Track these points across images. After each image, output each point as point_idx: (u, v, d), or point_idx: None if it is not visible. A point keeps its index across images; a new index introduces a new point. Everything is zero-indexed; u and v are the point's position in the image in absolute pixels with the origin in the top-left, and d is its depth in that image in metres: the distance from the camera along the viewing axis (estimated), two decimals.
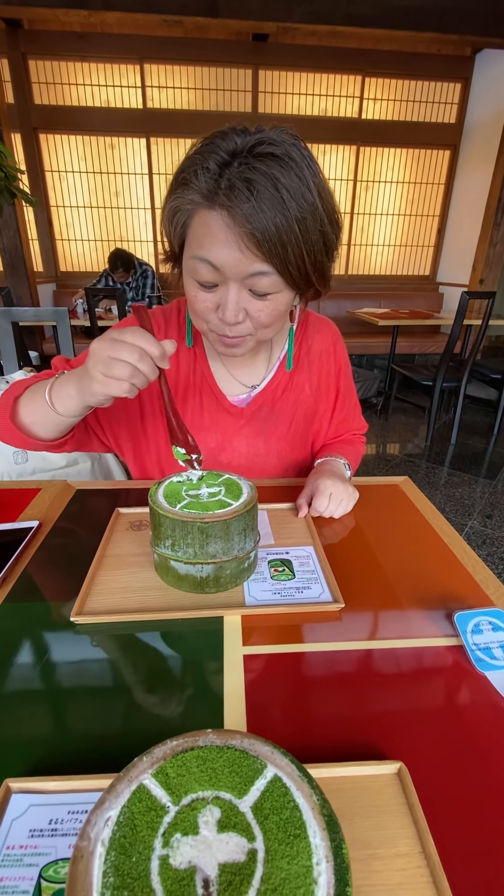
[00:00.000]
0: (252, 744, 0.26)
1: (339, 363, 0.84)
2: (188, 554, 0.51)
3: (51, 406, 0.61)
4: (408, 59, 4.04)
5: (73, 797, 0.33)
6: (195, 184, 0.54)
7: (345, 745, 0.38)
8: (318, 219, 0.55)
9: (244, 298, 0.59)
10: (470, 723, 0.40)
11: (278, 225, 0.52)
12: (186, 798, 0.24)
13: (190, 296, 0.62)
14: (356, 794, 0.34)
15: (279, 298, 0.60)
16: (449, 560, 0.62)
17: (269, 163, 0.51)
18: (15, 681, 0.43)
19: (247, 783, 0.24)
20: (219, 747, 0.26)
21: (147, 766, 0.25)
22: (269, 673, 0.44)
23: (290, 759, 0.25)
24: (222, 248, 0.54)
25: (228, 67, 3.95)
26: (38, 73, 3.91)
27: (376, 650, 0.47)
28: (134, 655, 0.45)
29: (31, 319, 1.37)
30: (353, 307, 4.09)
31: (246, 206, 0.51)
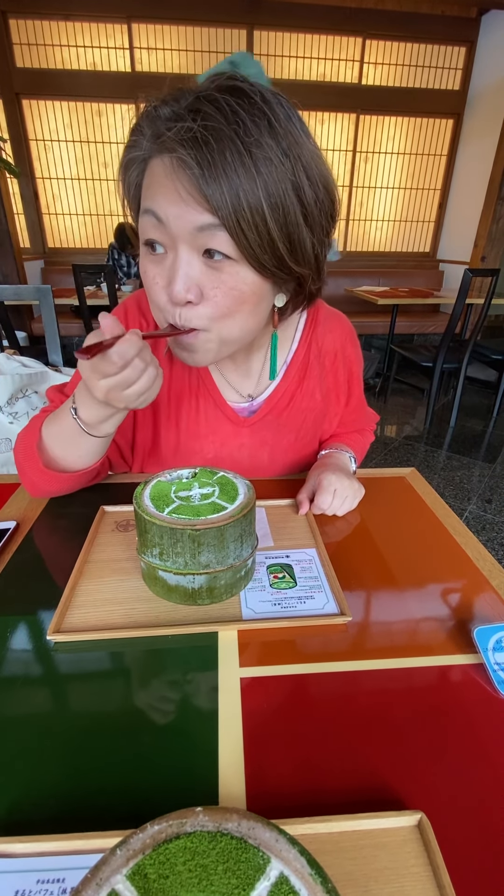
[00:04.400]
0: (252, 828, 0.21)
1: (351, 366, 0.76)
2: (178, 564, 0.46)
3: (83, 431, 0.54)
4: (410, 19, 3.83)
5: (43, 862, 0.29)
6: (145, 127, 0.46)
7: (355, 788, 0.33)
8: (287, 167, 0.45)
9: (196, 268, 0.48)
10: (497, 759, 0.35)
11: (227, 163, 0.42)
12: None
13: (142, 273, 0.53)
14: (371, 854, 0.29)
15: (241, 274, 0.48)
16: (463, 563, 0.57)
17: (229, 95, 0.42)
18: None
19: (246, 886, 0.20)
20: (211, 834, 0.21)
21: (121, 863, 0.20)
22: (269, 700, 0.39)
23: (299, 850, 0.21)
24: (163, 196, 0.45)
25: (221, 27, 3.73)
26: (19, 33, 3.69)
27: (387, 671, 0.42)
28: (117, 683, 0.41)
29: (12, 298, 1.29)
30: (351, 285, 3.98)
31: (189, 141, 0.42)
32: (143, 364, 0.44)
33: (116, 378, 0.44)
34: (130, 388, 0.45)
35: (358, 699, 0.40)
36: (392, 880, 0.28)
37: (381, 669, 0.42)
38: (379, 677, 0.42)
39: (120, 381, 0.44)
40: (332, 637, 0.46)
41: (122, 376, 0.44)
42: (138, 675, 0.41)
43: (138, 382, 0.45)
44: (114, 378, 0.44)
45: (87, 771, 0.34)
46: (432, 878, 0.28)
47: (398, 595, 0.51)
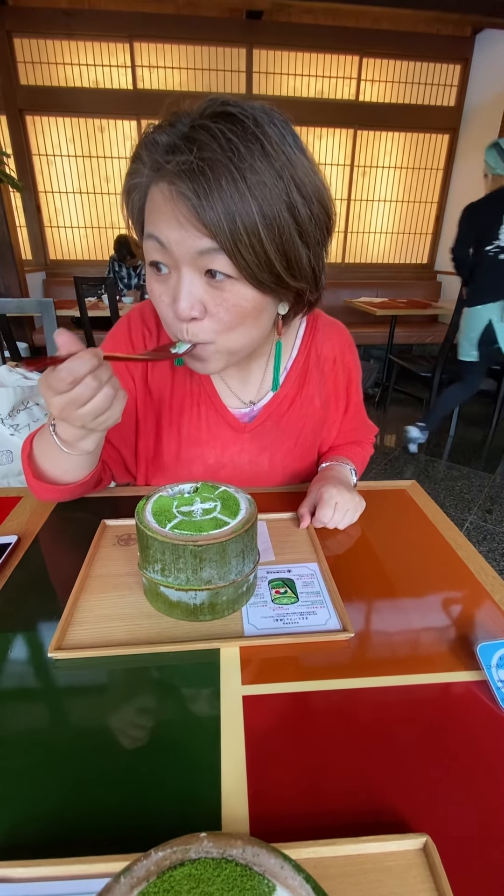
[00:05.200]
0: (256, 855, 0.21)
1: (350, 373, 0.77)
2: (180, 580, 0.46)
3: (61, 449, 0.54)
4: (407, 38, 3.91)
5: (44, 887, 0.28)
6: (145, 157, 0.47)
7: (359, 810, 0.33)
8: (284, 187, 0.46)
9: (199, 287, 0.50)
10: (501, 779, 0.35)
11: (223, 190, 0.43)
12: None
13: (148, 290, 0.55)
14: (377, 879, 0.29)
15: (241, 291, 0.50)
16: (465, 577, 0.57)
17: (220, 121, 0.44)
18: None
19: None
20: (216, 860, 0.21)
21: (125, 892, 0.20)
22: (272, 718, 0.39)
23: (304, 877, 0.20)
24: (165, 223, 0.47)
25: (221, 46, 3.81)
26: (23, 52, 3.76)
27: (390, 688, 0.42)
28: (118, 701, 0.40)
29: (15, 311, 1.30)
30: (350, 296, 4.01)
31: (184, 167, 0.43)
32: (96, 383, 0.43)
33: (68, 395, 0.43)
34: (83, 408, 0.45)
35: (361, 717, 0.39)
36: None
37: (384, 687, 0.42)
38: (382, 694, 0.41)
39: (71, 398, 0.43)
40: (335, 653, 0.45)
41: (73, 394, 0.43)
42: (140, 693, 0.41)
43: (91, 402, 0.44)
44: (65, 395, 0.43)
45: (89, 792, 0.33)
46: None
47: (400, 610, 0.51)
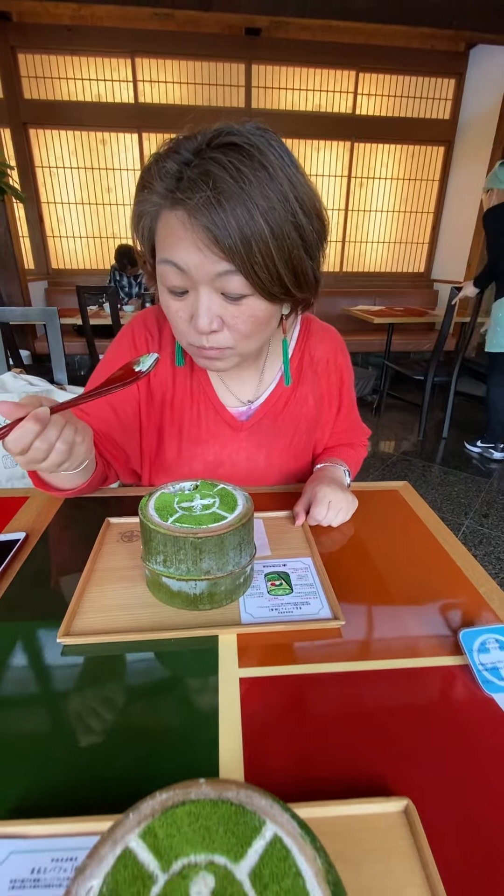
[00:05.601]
0: (249, 796, 0.24)
1: (342, 374, 0.81)
2: (181, 570, 0.48)
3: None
4: (402, 54, 4.01)
5: (57, 842, 0.31)
6: (155, 185, 0.51)
7: (347, 778, 0.36)
8: (289, 209, 0.50)
9: (216, 304, 0.54)
10: (479, 752, 0.38)
11: (238, 218, 0.47)
12: (177, 864, 0.21)
13: (164, 307, 0.58)
14: (362, 837, 0.32)
15: (255, 304, 0.55)
16: (452, 572, 0.60)
17: (229, 153, 0.48)
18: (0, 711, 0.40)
19: (244, 844, 0.22)
20: (213, 801, 0.24)
21: (133, 825, 0.23)
22: (267, 698, 0.42)
23: (290, 815, 0.23)
24: (184, 249, 0.51)
25: (221, 62, 3.90)
26: (27, 67, 3.85)
27: (378, 672, 0.45)
28: (123, 681, 0.43)
29: (20, 319, 1.34)
30: (348, 304, 4.06)
31: (202, 202, 0.47)
32: (45, 445, 0.46)
33: (24, 458, 0.47)
34: (42, 464, 0.48)
35: (351, 697, 0.42)
36: (381, 860, 0.30)
37: (373, 670, 0.45)
38: (371, 677, 0.44)
39: (28, 459, 0.47)
40: (327, 640, 0.48)
41: (28, 457, 0.47)
42: (142, 675, 0.44)
43: (47, 460, 0.48)
44: (22, 458, 0.47)
45: (95, 763, 0.36)
46: (417, 858, 0.31)
47: (389, 601, 0.54)
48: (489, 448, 2.83)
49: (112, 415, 0.73)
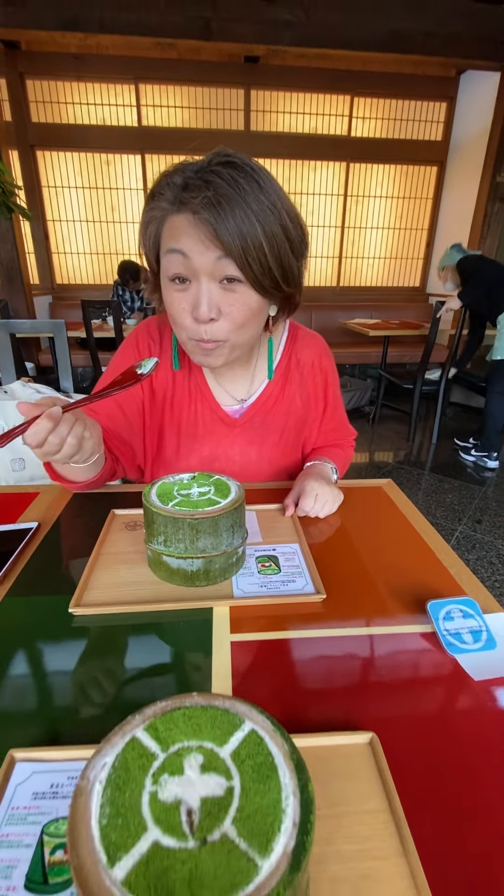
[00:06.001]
0: (233, 704, 0.30)
1: (326, 376, 0.88)
2: (179, 549, 0.54)
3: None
4: (395, 79, 4.17)
5: (71, 765, 0.36)
6: (164, 195, 0.60)
7: (323, 720, 0.41)
8: (276, 214, 0.60)
9: (215, 293, 0.62)
10: (439, 699, 0.43)
11: (236, 217, 0.56)
12: (174, 747, 0.27)
13: (167, 304, 0.66)
14: (331, 761, 0.37)
15: (248, 294, 0.63)
16: (427, 556, 0.65)
17: (227, 168, 0.58)
18: (18, 665, 0.46)
19: (226, 735, 0.28)
20: (203, 707, 0.29)
21: (139, 722, 0.28)
22: (255, 657, 0.47)
23: (265, 717, 0.29)
24: (189, 239, 0.59)
25: (221, 88, 4.06)
26: (35, 92, 4.01)
27: (355, 636, 0.50)
28: (128, 641, 0.49)
29: (29, 331, 1.41)
30: (345, 318, 4.16)
31: (204, 201, 0.56)
32: (57, 440, 0.53)
33: (40, 451, 0.53)
34: (56, 456, 0.55)
35: (329, 657, 0.48)
36: (347, 778, 0.36)
37: (350, 635, 0.50)
38: (347, 640, 0.50)
39: (43, 452, 0.54)
40: (310, 611, 0.54)
41: (43, 450, 0.53)
42: (144, 638, 0.49)
43: (60, 452, 0.54)
44: (38, 450, 0.53)
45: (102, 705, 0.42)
46: (378, 777, 0.36)
47: (368, 579, 0.60)
48: (483, 457, 2.89)
49: (119, 414, 0.79)
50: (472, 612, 0.52)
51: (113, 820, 0.23)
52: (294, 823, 0.23)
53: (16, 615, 0.52)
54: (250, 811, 0.24)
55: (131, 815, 0.24)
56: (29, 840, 0.32)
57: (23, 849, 0.31)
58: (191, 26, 3.16)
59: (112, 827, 0.23)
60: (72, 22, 3.08)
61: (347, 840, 0.32)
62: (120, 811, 0.24)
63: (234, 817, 0.24)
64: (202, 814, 0.24)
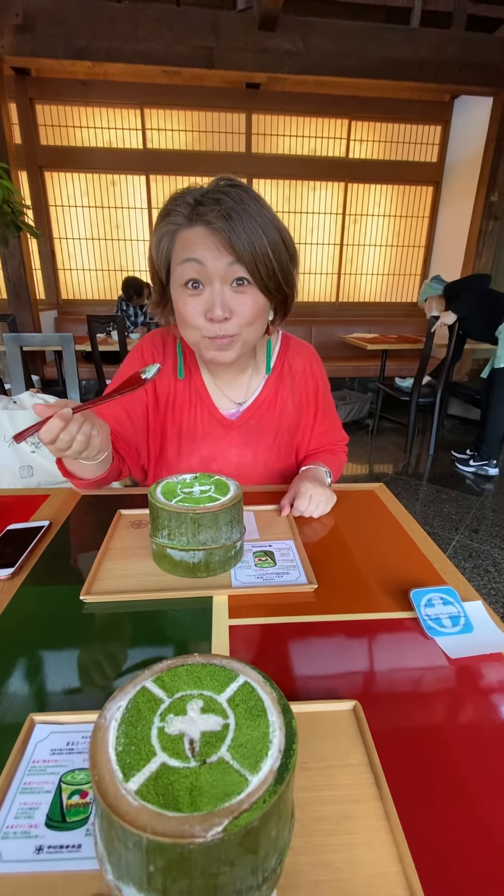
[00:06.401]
0: (229, 662, 0.34)
1: (317, 382, 0.94)
2: (182, 542, 0.59)
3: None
4: (391, 104, 4.32)
5: (85, 726, 0.41)
6: (177, 211, 0.68)
7: (313, 691, 0.45)
8: (275, 227, 0.69)
9: (227, 295, 0.69)
10: (416, 673, 0.47)
11: (245, 228, 0.65)
12: (178, 694, 0.31)
13: (180, 310, 0.72)
14: (318, 724, 0.41)
15: (256, 294, 0.71)
16: (413, 552, 0.70)
17: (233, 189, 0.67)
18: (35, 644, 0.50)
19: (223, 685, 0.32)
20: (203, 664, 0.34)
21: (148, 676, 0.33)
22: (251, 639, 0.52)
23: (257, 672, 0.33)
24: (203, 248, 0.67)
25: (224, 112, 4.22)
26: (44, 116, 4.16)
27: (343, 622, 0.55)
28: (134, 624, 0.53)
29: (38, 345, 1.47)
30: (344, 332, 4.25)
31: (217, 216, 0.64)
32: (67, 437, 0.58)
33: (52, 447, 0.59)
34: (67, 452, 0.60)
35: (319, 639, 0.52)
36: (331, 738, 0.40)
37: (339, 621, 0.55)
38: (336, 625, 0.54)
39: (56, 448, 0.59)
40: (302, 600, 0.58)
41: (56, 446, 0.59)
42: (149, 622, 0.54)
43: (70, 449, 0.60)
44: (52, 446, 0.59)
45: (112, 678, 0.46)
46: (360, 737, 0.40)
47: (358, 572, 0.64)
48: (483, 465, 2.93)
49: (126, 417, 0.86)
50: (452, 600, 0.56)
51: (127, 748, 0.28)
52: (280, 750, 0.28)
53: (31, 603, 0.57)
54: (243, 741, 0.28)
55: (142, 744, 0.28)
56: (48, 787, 0.36)
57: (43, 794, 0.36)
58: (195, 56, 3.31)
59: (126, 753, 0.28)
60: (81, 51, 3.22)
61: (330, 788, 0.36)
62: (133, 741, 0.28)
63: (229, 745, 0.28)
64: (202, 743, 0.28)
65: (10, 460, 1.34)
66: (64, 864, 0.32)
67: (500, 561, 2.06)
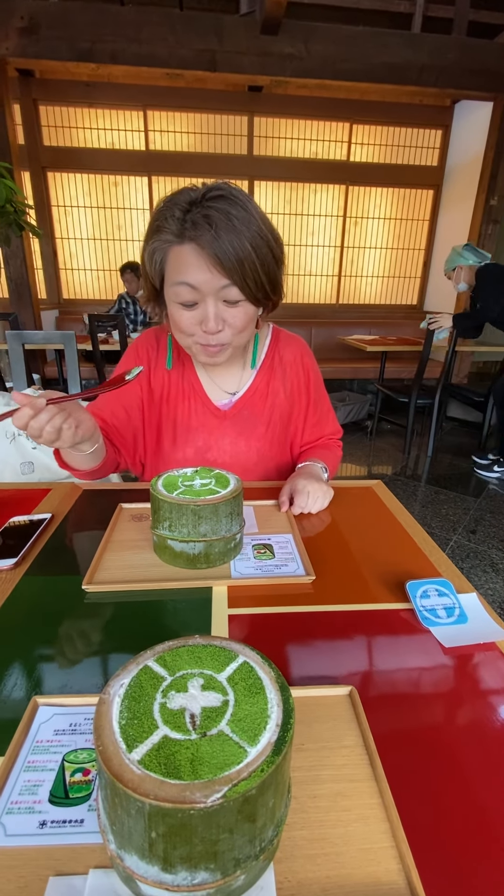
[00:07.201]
0: (229, 643, 0.35)
1: (307, 372, 0.95)
2: (182, 533, 0.60)
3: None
4: (392, 108, 4.35)
5: (88, 709, 0.42)
6: (166, 227, 0.68)
7: (310, 678, 0.46)
8: (264, 237, 0.70)
9: (221, 309, 0.72)
10: (411, 661, 0.48)
11: (235, 247, 0.66)
12: (179, 672, 0.32)
13: (175, 318, 0.75)
14: (315, 708, 0.42)
15: (246, 306, 0.73)
16: (410, 546, 0.71)
17: (220, 202, 0.67)
18: (39, 630, 0.51)
19: (223, 665, 0.33)
20: (203, 645, 0.35)
21: (150, 655, 0.34)
22: (250, 628, 0.53)
23: (256, 653, 0.34)
24: (196, 272, 0.68)
25: (226, 114, 4.24)
26: (47, 117, 4.18)
27: (340, 612, 0.56)
28: (135, 612, 0.54)
29: (40, 342, 1.48)
30: (343, 334, 4.26)
31: (208, 236, 0.65)
32: (37, 425, 0.60)
33: (28, 431, 0.61)
34: (40, 439, 0.62)
35: (317, 628, 0.53)
36: (328, 721, 0.41)
37: (336, 611, 0.56)
38: (334, 616, 0.55)
39: (30, 434, 0.61)
40: (300, 591, 0.59)
41: (28, 433, 0.61)
42: (149, 611, 0.55)
43: (42, 437, 0.61)
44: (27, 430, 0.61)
45: (115, 661, 0.47)
46: (355, 720, 0.41)
47: (355, 565, 0.65)
48: None
49: (122, 411, 0.88)
50: (447, 592, 0.57)
51: (130, 721, 0.29)
52: (277, 724, 0.29)
53: (34, 592, 0.58)
54: (242, 716, 0.29)
55: (145, 718, 0.29)
56: (52, 766, 0.37)
57: (46, 772, 0.37)
58: (198, 59, 3.33)
59: (130, 726, 0.29)
60: (85, 53, 3.25)
61: (326, 768, 0.37)
62: (136, 715, 0.29)
63: (229, 720, 0.29)
64: (202, 717, 0.29)
65: (12, 457, 1.35)
66: (67, 837, 0.33)
67: (497, 561, 2.07)
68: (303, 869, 0.31)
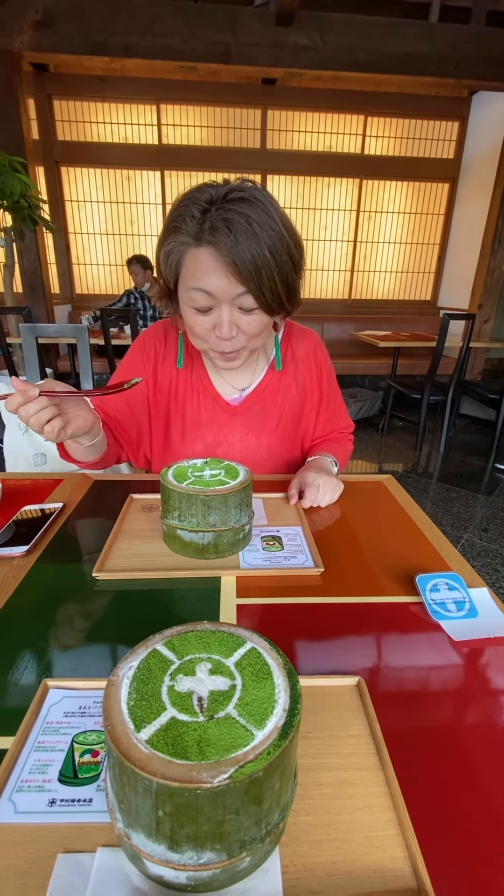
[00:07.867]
0: (237, 629, 0.35)
1: (320, 367, 0.94)
2: (192, 523, 0.60)
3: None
4: (408, 99, 4.29)
5: (97, 692, 0.42)
6: (184, 229, 0.66)
7: (319, 668, 0.46)
8: (284, 243, 0.67)
9: (235, 316, 0.71)
10: (420, 653, 0.48)
11: (254, 254, 0.64)
12: (187, 657, 0.33)
13: (189, 322, 0.74)
14: (323, 697, 0.42)
15: (260, 314, 0.71)
16: (420, 540, 0.70)
17: (241, 205, 0.64)
18: (50, 615, 0.52)
19: (231, 651, 0.33)
20: (212, 631, 0.35)
21: (159, 640, 0.34)
22: (259, 618, 0.53)
23: (264, 639, 0.34)
24: (212, 278, 0.66)
25: (239, 108, 4.22)
26: (61, 111, 4.20)
27: (349, 604, 0.55)
28: (145, 601, 0.55)
29: (53, 335, 1.50)
30: (356, 330, 4.23)
31: (227, 242, 0.63)
32: (25, 413, 0.60)
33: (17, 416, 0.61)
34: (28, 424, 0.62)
35: (325, 619, 0.53)
36: (336, 710, 0.41)
37: (345, 603, 0.56)
38: (343, 607, 0.55)
39: (21, 419, 0.61)
40: (309, 582, 0.59)
41: (18, 416, 0.61)
42: (159, 599, 0.55)
43: (28, 424, 0.61)
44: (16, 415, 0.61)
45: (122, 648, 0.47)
46: (363, 710, 0.41)
47: (364, 558, 0.65)
48: None
49: (125, 405, 0.88)
50: (457, 586, 0.57)
51: (139, 702, 0.29)
52: (284, 709, 0.29)
53: (46, 578, 0.59)
54: (249, 700, 0.29)
55: (153, 700, 0.29)
56: (61, 746, 0.38)
57: (56, 752, 0.37)
58: (212, 51, 3.31)
59: (138, 707, 0.29)
60: (100, 46, 3.25)
61: (334, 756, 0.37)
62: (144, 697, 0.29)
63: (236, 703, 0.29)
64: (210, 701, 0.29)
65: (25, 448, 1.37)
66: (75, 816, 0.33)
67: None
68: (308, 854, 0.31)
